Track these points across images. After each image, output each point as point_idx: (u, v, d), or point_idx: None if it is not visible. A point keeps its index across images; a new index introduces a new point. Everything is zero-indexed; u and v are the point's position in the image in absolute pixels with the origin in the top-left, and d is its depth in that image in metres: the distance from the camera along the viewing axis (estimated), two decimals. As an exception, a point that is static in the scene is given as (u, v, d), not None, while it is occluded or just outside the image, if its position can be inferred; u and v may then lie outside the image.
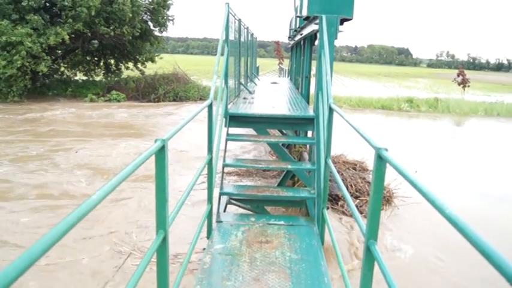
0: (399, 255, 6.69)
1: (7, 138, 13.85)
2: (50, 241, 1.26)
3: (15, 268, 1.09)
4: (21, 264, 1.11)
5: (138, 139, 14.34)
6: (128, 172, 1.91)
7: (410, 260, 6.57)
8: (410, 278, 6.01)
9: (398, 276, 2.63)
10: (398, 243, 7.06)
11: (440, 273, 6.27)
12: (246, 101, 7.50)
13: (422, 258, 6.66)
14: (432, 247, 7.02)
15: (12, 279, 1.05)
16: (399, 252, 6.76)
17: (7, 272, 1.05)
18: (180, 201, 3.11)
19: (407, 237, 7.37)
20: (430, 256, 6.74)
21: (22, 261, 1.12)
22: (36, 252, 1.19)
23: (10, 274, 1.06)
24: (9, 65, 20.33)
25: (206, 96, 25.21)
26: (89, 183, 9.50)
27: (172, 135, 2.68)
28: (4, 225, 7.17)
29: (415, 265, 6.43)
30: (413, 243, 7.16)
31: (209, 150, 4.34)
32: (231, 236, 4.48)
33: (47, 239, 1.25)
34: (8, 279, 1.05)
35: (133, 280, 2.14)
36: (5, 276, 1.04)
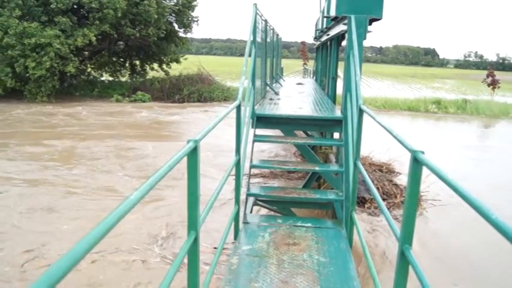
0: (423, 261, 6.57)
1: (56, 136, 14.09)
2: (93, 240, 1.25)
3: (60, 268, 1.09)
4: (68, 261, 1.11)
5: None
6: (163, 173, 1.91)
7: (434, 266, 6.45)
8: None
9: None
10: (421, 248, 6.92)
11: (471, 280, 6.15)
12: (273, 102, 7.48)
13: (447, 265, 6.53)
14: (460, 253, 6.88)
15: (59, 278, 1.05)
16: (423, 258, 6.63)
17: (51, 272, 1.04)
18: (209, 202, 3.10)
19: (433, 242, 7.23)
20: (457, 262, 6.61)
21: (68, 259, 1.12)
22: (80, 250, 1.19)
23: (55, 273, 1.06)
24: (39, 66, 20.73)
25: (230, 97, 25.31)
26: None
27: (204, 136, 2.67)
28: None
29: (439, 272, 6.30)
30: (439, 247, 7.03)
31: (237, 151, 4.33)
32: (258, 238, 4.46)
33: (89, 239, 1.25)
34: (54, 279, 1.04)
35: (167, 281, 2.13)
36: (49, 277, 1.04)
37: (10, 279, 5.58)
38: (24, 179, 9.65)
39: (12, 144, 13.06)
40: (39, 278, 1.02)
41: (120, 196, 8.45)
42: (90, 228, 1.28)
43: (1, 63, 21.28)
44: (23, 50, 20.57)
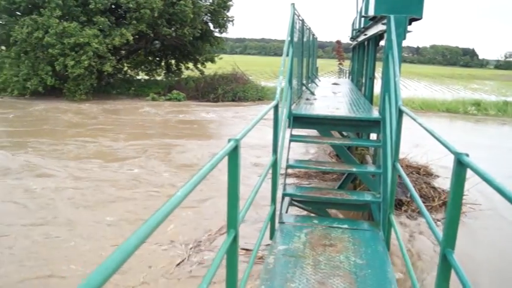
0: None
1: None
2: (142, 235, 1.27)
3: (113, 261, 1.11)
4: (117, 258, 1.13)
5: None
6: (206, 171, 1.93)
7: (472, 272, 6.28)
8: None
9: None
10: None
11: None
12: (309, 102, 7.44)
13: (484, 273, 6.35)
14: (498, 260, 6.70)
15: (108, 275, 1.06)
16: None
17: (102, 268, 1.06)
18: (248, 202, 3.10)
19: (471, 248, 7.06)
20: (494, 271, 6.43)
21: (118, 255, 1.14)
22: (129, 246, 1.20)
23: (105, 270, 1.07)
24: (77, 64, 21.21)
25: (264, 96, 25.32)
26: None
27: (244, 135, 2.68)
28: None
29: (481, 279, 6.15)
30: (478, 254, 6.86)
31: (274, 151, 4.32)
32: (294, 238, 4.44)
33: (138, 235, 1.27)
34: (103, 276, 1.06)
35: (207, 278, 2.14)
36: (100, 273, 1.05)
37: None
38: (88, 177, 9.86)
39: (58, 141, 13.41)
40: (89, 275, 1.04)
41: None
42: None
43: (42, 62, 21.88)
44: (63, 49, 21.08)
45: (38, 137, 13.93)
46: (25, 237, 6.81)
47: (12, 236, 6.79)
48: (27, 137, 13.74)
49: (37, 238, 6.78)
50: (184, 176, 10.01)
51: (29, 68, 21.87)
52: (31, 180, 9.51)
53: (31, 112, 19.09)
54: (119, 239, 6.45)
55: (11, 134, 14.64)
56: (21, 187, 9.06)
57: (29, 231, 7.00)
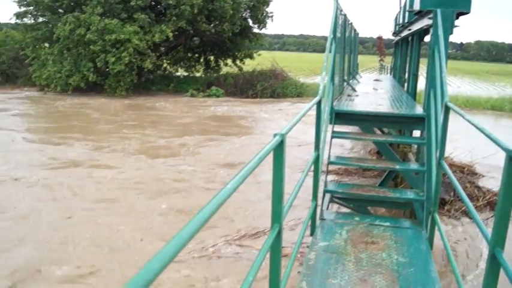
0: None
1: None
2: (195, 227, 1.29)
3: (169, 251, 1.12)
4: (169, 251, 1.15)
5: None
6: (254, 165, 1.95)
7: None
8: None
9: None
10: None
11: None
12: (351, 98, 7.38)
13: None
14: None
15: (160, 269, 1.08)
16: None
17: (154, 262, 1.08)
18: (291, 197, 3.10)
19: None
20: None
21: (170, 249, 1.15)
22: (184, 237, 1.22)
23: (162, 259, 1.09)
24: (118, 61, 21.62)
25: (304, 93, 25.22)
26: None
27: (289, 130, 2.68)
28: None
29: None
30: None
31: (316, 147, 4.30)
32: (335, 235, 4.42)
33: (191, 226, 1.29)
34: (161, 264, 1.08)
35: (252, 272, 2.16)
36: (153, 267, 1.07)
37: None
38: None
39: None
40: (147, 263, 1.06)
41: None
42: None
43: (84, 59, 22.42)
44: (104, 46, 21.54)
45: (82, 132, 14.30)
46: (89, 219, 7.31)
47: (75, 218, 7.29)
48: (71, 133, 14.13)
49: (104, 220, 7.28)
50: (227, 171, 10.11)
51: (71, 64, 22.45)
52: (87, 172, 9.91)
53: (73, 108, 19.61)
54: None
55: (57, 129, 15.08)
56: (80, 177, 9.52)
57: (92, 214, 7.49)
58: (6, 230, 6.84)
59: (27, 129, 15.21)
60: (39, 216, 7.36)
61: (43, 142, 12.85)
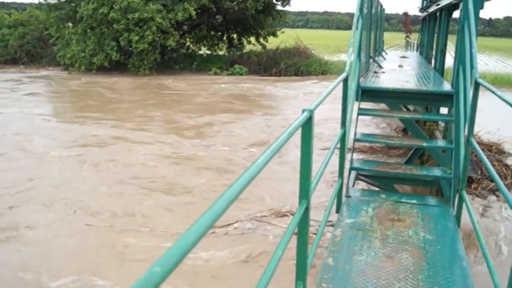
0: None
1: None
2: (226, 201, 1.30)
3: (204, 222, 1.14)
4: (206, 221, 1.16)
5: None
6: (283, 140, 1.95)
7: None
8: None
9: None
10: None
11: None
12: (377, 75, 7.28)
13: None
14: None
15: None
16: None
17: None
18: (318, 173, 3.11)
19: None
20: None
21: (207, 218, 1.17)
22: (218, 209, 1.24)
23: (198, 230, 1.11)
24: (141, 40, 21.69)
25: (328, 70, 24.98)
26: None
27: (317, 106, 2.67)
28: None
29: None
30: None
31: (342, 124, 4.29)
32: (361, 212, 4.42)
33: (223, 200, 1.30)
34: (197, 235, 1.09)
35: (281, 246, 2.17)
36: (194, 231, 1.09)
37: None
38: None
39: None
40: (184, 233, 1.07)
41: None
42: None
43: (107, 38, 22.54)
44: (127, 25, 21.59)
45: (107, 112, 14.48)
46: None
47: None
48: (96, 112, 14.30)
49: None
50: (257, 149, 10.16)
51: (95, 43, 22.61)
52: (120, 150, 10.11)
53: (97, 87, 19.82)
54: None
55: (82, 108, 15.29)
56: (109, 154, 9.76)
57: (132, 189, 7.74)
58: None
59: (52, 108, 15.49)
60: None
61: (70, 121, 13.05)
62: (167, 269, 0.96)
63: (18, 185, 7.79)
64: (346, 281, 3.22)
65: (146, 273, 0.93)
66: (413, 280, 3.23)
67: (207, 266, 5.36)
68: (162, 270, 0.94)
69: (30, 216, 6.57)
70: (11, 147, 10.09)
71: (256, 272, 5.03)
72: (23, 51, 27.31)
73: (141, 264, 5.23)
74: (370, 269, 3.38)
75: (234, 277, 5.17)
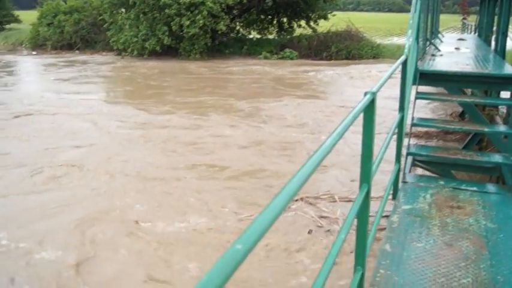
0: None
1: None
2: (298, 182, 1.30)
3: (271, 212, 1.14)
4: (275, 207, 1.16)
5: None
6: (348, 123, 1.93)
7: None
8: None
9: None
10: None
11: None
12: (434, 58, 7.06)
13: None
14: None
15: (266, 227, 1.09)
16: None
17: (260, 221, 1.08)
18: (378, 157, 3.06)
19: None
20: None
21: (275, 206, 1.17)
22: (289, 192, 1.23)
23: (269, 215, 1.11)
24: (192, 24, 21.87)
25: (380, 54, 24.45)
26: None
27: (379, 89, 2.62)
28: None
29: None
30: None
31: (401, 108, 4.20)
32: (419, 198, 4.32)
33: (295, 182, 1.30)
34: (265, 225, 1.09)
35: (344, 230, 2.16)
36: (259, 226, 1.08)
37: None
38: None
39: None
40: (251, 224, 1.07)
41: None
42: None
43: (159, 23, 22.85)
44: (179, 9, 21.81)
45: (159, 96, 14.73)
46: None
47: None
48: (149, 98, 14.56)
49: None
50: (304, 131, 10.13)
51: (147, 28, 22.98)
52: (177, 133, 10.31)
53: (150, 71, 20.19)
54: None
55: (134, 93, 15.62)
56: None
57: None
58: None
59: (108, 93, 15.91)
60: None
61: (129, 105, 13.33)
62: (248, 247, 0.98)
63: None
64: (404, 268, 3.17)
65: (228, 250, 0.95)
66: (474, 269, 3.14)
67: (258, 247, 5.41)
68: (243, 247, 0.96)
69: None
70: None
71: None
72: (78, 36, 28.10)
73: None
74: (429, 257, 3.31)
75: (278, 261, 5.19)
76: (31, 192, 6.97)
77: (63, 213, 6.12)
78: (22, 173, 7.70)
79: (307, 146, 9.13)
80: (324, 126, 10.52)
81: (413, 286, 2.96)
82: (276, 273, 4.88)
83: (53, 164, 8.09)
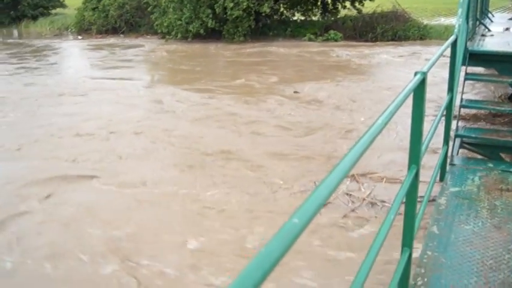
0: None
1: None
2: (353, 158, 1.34)
3: (327, 188, 1.18)
4: (330, 183, 1.20)
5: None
6: (399, 103, 1.94)
7: None
8: None
9: None
10: None
11: None
12: (484, 38, 6.87)
13: None
14: None
15: (322, 201, 1.13)
16: None
17: (317, 195, 1.12)
18: (426, 139, 3.05)
19: None
20: None
21: (330, 182, 1.21)
22: (342, 170, 1.27)
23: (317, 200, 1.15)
24: (236, 6, 21.82)
25: (427, 35, 23.79)
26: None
27: (430, 68, 2.60)
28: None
29: None
30: None
31: (450, 89, 4.14)
32: (467, 181, 4.27)
33: (348, 159, 1.33)
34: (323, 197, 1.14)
35: (393, 211, 2.18)
36: (316, 200, 1.12)
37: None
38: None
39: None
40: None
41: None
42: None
43: (203, 5, 22.91)
44: (223, -9, 21.84)
45: (207, 78, 14.87)
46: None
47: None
48: (197, 80, 14.72)
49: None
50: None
51: (191, 11, 23.04)
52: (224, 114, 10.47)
53: (193, 52, 20.38)
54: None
55: (182, 76, 15.82)
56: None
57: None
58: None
59: (153, 76, 16.16)
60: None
61: (177, 86, 13.51)
62: (305, 220, 1.02)
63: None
64: (451, 250, 3.16)
65: (286, 224, 1.00)
66: None
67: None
68: (300, 221, 1.01)
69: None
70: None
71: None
72: (122, 20, 28.47)
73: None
74: (478, 239, 3.29)
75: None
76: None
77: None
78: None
79: (361, 129, 9.02)
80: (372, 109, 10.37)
81: (460, 268, 2.96)
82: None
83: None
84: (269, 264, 0.87)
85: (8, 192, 6.38)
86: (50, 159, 7.76)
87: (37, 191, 6.37)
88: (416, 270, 2.91)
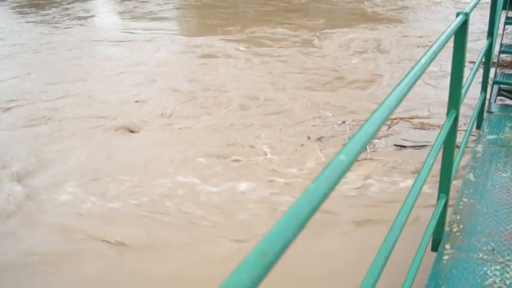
0: None
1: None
2: (397, 98, 1.30)
3: (371, 126, 1.15)
4: (374, 122, 1.17)
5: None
6: (441, 44, 1.87)
7: None
8: None
9: None
10: None
11: None
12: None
13: None
14: None
15: (368, 139, 1.10)
16: None
17: (362, 134, 1.10)
18: (466, 85, 2.96)
19: None
20: None
21: (374, 121, 1.18)
22: (386, 109, 1.24)
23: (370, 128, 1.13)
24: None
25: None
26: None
27: (473, 9, 2.49)
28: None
29: None
30: None
31: (490, 33, 3.97)
32: (505, 128, 4.16)
33: (391, 99, 1.30)
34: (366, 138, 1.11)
35: (432, 155, 2.14)
36: (361, 138, 1.10)
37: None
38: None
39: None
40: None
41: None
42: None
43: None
44: None
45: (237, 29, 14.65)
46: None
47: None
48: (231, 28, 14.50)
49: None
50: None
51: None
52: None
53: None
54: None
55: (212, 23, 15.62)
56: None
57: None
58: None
59: (182, 25, 15.98)
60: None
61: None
62: (351, 157, 1.01)
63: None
64: (488, 197, 3.12)
65: (332, 160, 0.99)
66: None
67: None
68: (347, 158, 1.00)
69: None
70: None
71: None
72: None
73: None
74: None
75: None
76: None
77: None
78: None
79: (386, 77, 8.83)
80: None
81: (496, 215, 2.93)
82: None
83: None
84: (317, 200, 0.86)
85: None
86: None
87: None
88: (451, 217, 2.88)
